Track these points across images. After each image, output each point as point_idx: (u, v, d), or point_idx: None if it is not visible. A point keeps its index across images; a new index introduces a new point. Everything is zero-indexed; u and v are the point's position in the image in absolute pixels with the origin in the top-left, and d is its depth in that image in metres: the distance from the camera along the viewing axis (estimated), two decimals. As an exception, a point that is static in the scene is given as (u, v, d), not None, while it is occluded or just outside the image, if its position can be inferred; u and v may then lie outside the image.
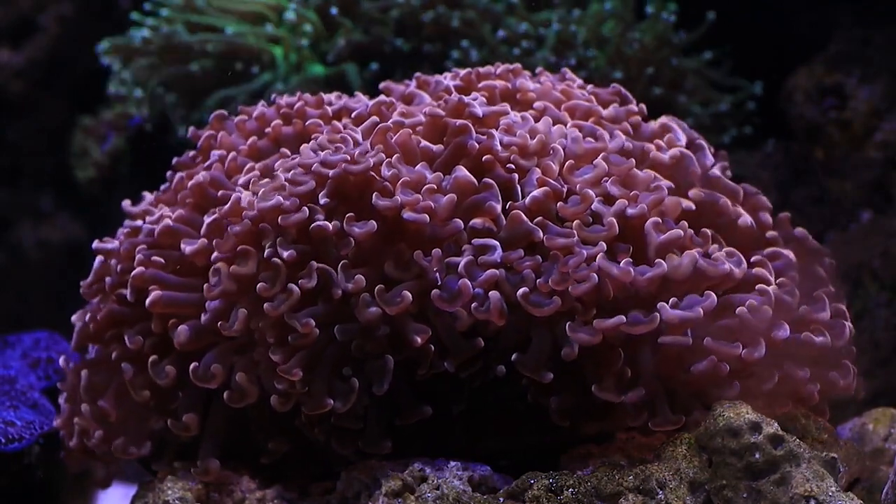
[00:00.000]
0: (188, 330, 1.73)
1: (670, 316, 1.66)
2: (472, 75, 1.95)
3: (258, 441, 1.79)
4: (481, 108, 1.82)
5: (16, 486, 2.03)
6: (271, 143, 1.89)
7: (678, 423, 1.68)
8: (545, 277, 1.66)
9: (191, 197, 1.84)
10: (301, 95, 1.97)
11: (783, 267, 1.81)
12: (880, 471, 1.85)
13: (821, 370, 1.75)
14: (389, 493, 1.66)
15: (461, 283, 1.65)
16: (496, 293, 1.65)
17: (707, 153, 1.92)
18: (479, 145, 1.75)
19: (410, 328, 1.66)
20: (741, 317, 1.67)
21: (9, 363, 2.18)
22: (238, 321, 1.69)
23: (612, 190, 1.74)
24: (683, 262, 1.69)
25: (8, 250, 3.17)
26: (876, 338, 2.31)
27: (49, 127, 3.12)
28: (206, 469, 1.77)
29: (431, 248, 1.69)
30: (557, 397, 1.69)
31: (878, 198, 2.50)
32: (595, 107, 1.91)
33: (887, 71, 2.52)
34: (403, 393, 1.71)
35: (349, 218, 1.69)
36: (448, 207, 1.70)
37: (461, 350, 1.67)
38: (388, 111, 1.87)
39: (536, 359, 1.67)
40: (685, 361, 1.67)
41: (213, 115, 1.99)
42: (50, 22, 3.11)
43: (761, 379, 1.70)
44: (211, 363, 1.73)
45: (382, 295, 1.66)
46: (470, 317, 1.66)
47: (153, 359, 1.76)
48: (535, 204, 1.71)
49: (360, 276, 1.67)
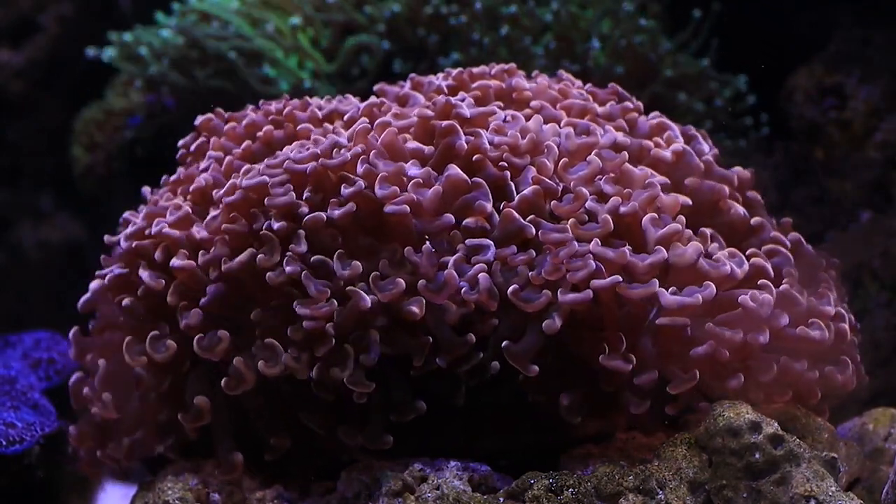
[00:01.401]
0: (200, 314, 1.74)
1: (669, 301, 1.65)
2: (464, 75, 1.96)
3: (260, 436, 1.80)
4: (469, 109, 1.82)
5: (16, 487, 2.04)
6: (263, 146, 1.89)
7: (693, 380, 1.66)
8: (538, 270, 1.67)
9: (192, 198, 1.84)
10: (287, 100, 1.97)
11: (782, 263, 1.81)
12: (880, 471, 1.85)
13: (819, 365, 1.75)
14: (390, 494, 1.66)
15: (446, 273, 1.66)
16: (485, 276, 1.66)
17: (700, 140, 1.94)
18: (468, 145, 1.76)
19: (407, 302, 1.67)
20: (743, 305, 1.67)
21: (9, 363, 2.18)
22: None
23: (606, 188, 1.74)
24: (688, 251, 1.69)
25: (8, 250, 3.17)
26: (876, 338, 2.31)
27: (49, 127, 3.12)
28: (233, 464, 1.77)
29: (422, 244, 1.70)
30: (554, 393, 1.69)
31: (878, 198, 2.50)
32: (591, 104, 1.92)
33: (887, 71, 2.52)
34: (400, 389, 1.72)
35: (332, 203, 1.70)
36: (434, 200, 1.71)
37: (453, 345, 1.68)
38: (379, 112, 1.87)
39: (526, 350, 1.67)
40: (686, 349, 1.67)
41: (201, 120, 2.00)
42: (50, 22, 3.11)
43: (759, 370, 1.70)
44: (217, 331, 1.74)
45: (377, 282, 1.67)
46: (459, 307, 1.66)
47: (153, 334, 1.77)
48: (526, 202, 1.72)
49: (357, 263, 1.68)
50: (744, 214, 1.86)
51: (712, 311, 1.69)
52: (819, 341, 1.72)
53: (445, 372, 1.69)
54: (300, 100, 1.97)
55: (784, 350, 1.71)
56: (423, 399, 1.72)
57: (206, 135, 1.98)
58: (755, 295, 1.68)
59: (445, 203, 1.73)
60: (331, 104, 1.95)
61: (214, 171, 1.86)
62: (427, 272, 1.67)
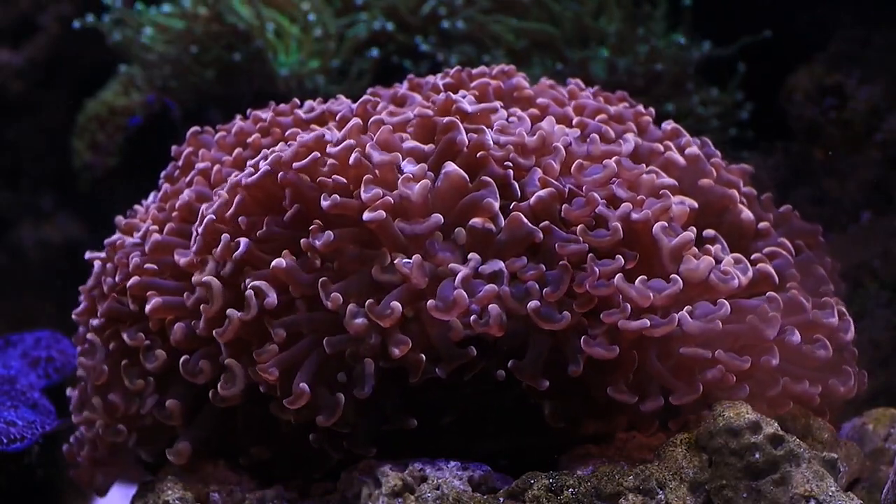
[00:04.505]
0: (184, 328, 1.74)
1: (691, 326, 1.65)
2: (462, 74, 1.92)
3: (241, 444, 1.80)
4: (471, 106, 1.78)
5: (16, 486, 2.04)
6: (254, 152, 1.86)
7: (697, 393, 1.66)
8: (552, 287, 1.64)
9: (178, 214, 1.84)
10: (273, 107, 1.96)
11: (783, 266, 1.81)
12: (880, 471, 1.85)
13: (822, 377, 1.75)
14: (389, 493, 1.66)
15: (456, 294, 1.63)
16: (495, 306, 1.63)
17: (710, 144, 1.94)
18: (470, 141, 1.72)
19: (393, 339, 1.65)
20: (752, 325, 1.67)
21: (9, 363, 2.18)
22: (231, 328, 1.70)
23: (619, 192, 1.72)
24: (700, 266, 1.69)
25: (8, 250, 3.17)
26: (876, 338, 2.31)
27: (49, 127, 3.12)
28: (178, 451, 1.78)
29: (414, 246, 1.67)
30: (558, 401, 1.69)
31: (878, 198, 2.50)
32: (603, 105, 1.91)
33: (887, 71, 2.52)
34: (391, 400, 1.71)
35: (312, 230, 1.67)
36: (421, 196, 1.67)
37: (454, 357, 1.66)
38: (374, 111, 1.83)
39: (534, 365, 1.66)
40: (695, 369, 1.67)
41: (189, 133, 1.99)
42: (50, 22, 3.11)
43: (766, 385, 1.70)
44: (200, 359, 1.74)
45: (373, 308, 1.65)
46: (466, 328, 1.64)
47: (146, 344, 1.78)
48: (540, 204, 1.69)
49: (337, 295, 1.65)
50: (752, 218, 1.85)
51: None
52: (824, 360, 1.73)
53: (445, 382, 1.68)
54: (287, 104, 1.95)
55: (789, 363, 1.72)
56: (423, 402, 1.72)
57: (193, 147, 1.96)
58: (765, 312, 1.68)
59: (441, 201, 1.69)
60: (323, 105, 1.92)
61: (199, 183, 1.85)
62: (418, 282, 1.65)
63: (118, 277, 1.83)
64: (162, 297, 1.76)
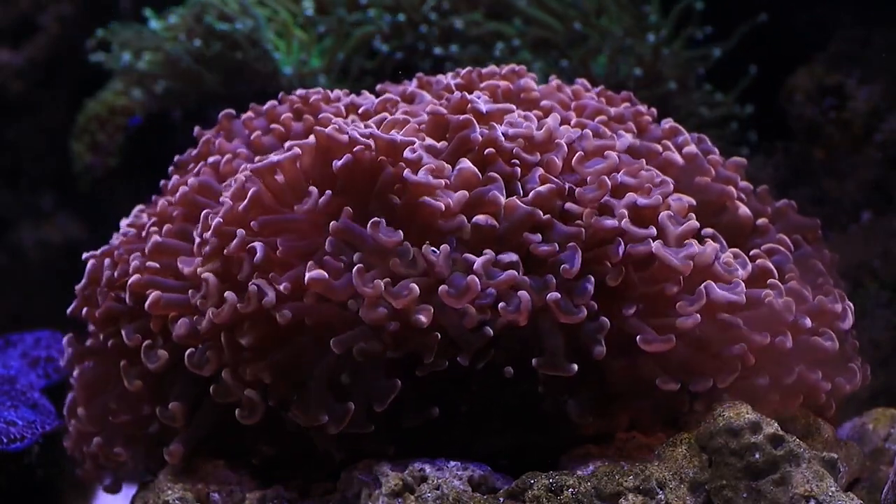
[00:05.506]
0: (188, 323, 1.73)
1: (718, 296, 1.67)
2: (473, 74, 1.95)
3: (247, 443, 1.80)
4: (485, 105, 1.80)
5: (16, 486, 2.04)
6: (276, 140, 1.88)
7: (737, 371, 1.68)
8: (569, 263, 1.65)
9: (179, 207, 1.83)
10: (309, 91, 1.96)
11: (782, 261, 1.81)
12: (880, 471, 1.85)
13: (829, 372, 1.76)
14: (390, 493, 1.66)
15: (469, 279, 1.63)
16: (525, 293, 1.63)
17: (707, 141, 1.95)
18: (482, 137, 1.74)
19: (416, 309, 1.64)
20: (770, 306, 1.69)
21: (9, 363, 2.18)
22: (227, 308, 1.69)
23: (625, 179, 1.73)
24: (707, 250, 1.70)
25: (8, 250, 3.17)
26: (876, 338, 2.31)
27: (49, 127, 3.12)
28: (170, 452, 1.77)
29: (439, 240, 1.68)
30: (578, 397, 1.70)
31: (878, 198, 2.50)
32: (604, 107, 1.91)
33: (887, 71, 2.52)
34: (408, 394, 1.70)
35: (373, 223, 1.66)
36: (460, 201, 1.69)
37: (471, 343, 1.66)
38: (392, 108, 1.86)
39: (555, 357, 1.66)
40: (714, 348, 1.69)
41: (221, 114, 1.99)
42: (50, 22, 3.11)
43: (782, 373, 1.71)
44: (207, 350, 1.73)
45: (389, 289, 1.64)
46: (480, 313, 1.64)
47: (147, 343, 1.77)
48: (539, 200, 1.70)
49: (379, 282, 1.64)
50: (750, 215, 1.86)
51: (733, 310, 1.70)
52: (829, 351, 1.74)
53: (450, 375, 1.68)
54: (322, 92, 1.96)
55: (798, 353, 1.73)
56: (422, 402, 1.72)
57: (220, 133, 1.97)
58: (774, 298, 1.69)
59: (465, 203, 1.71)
60: (348, 97, 1.95)
61: (206, 174, 1.85)
62: (442, 270, 1.65)
63: (117, 273, 1.83)
64: (163, 294, 1.75)
